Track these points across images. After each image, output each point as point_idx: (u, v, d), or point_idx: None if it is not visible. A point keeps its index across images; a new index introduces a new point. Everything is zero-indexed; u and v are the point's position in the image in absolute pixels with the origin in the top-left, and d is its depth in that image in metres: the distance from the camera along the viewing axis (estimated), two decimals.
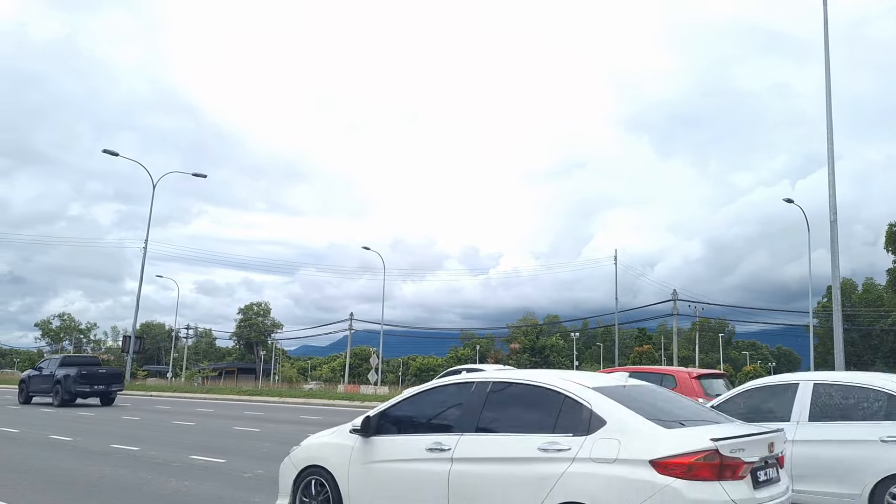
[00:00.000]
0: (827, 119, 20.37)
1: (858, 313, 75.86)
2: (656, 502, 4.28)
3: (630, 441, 4.52)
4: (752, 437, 4.76)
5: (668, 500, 4.27)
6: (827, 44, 20.56)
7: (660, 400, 5.29)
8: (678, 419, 4.85)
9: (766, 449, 4.82)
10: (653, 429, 4.58)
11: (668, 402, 5.31)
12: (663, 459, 4.34)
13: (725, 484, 4.39)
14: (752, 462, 4.62)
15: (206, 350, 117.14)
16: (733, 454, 4.46)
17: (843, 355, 19.51)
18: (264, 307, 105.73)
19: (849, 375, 7.58)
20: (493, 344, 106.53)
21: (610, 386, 5.20)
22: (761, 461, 4.73)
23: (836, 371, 9.82)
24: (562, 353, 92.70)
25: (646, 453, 4.40)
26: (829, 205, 19.94)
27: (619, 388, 5.20)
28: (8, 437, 14.42)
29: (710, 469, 4.35)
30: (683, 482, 4.29)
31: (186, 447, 12.67)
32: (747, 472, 4.56)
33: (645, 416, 4.71)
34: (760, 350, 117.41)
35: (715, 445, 4.39)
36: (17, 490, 8.17)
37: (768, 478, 4.82)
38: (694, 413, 5.19)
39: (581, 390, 5.01)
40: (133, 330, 35.24)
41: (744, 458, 4.53)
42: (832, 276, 20.24)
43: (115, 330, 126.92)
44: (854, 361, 72.08)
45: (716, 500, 4.31)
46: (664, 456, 4.35)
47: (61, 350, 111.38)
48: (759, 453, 4.72)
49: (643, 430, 4.57)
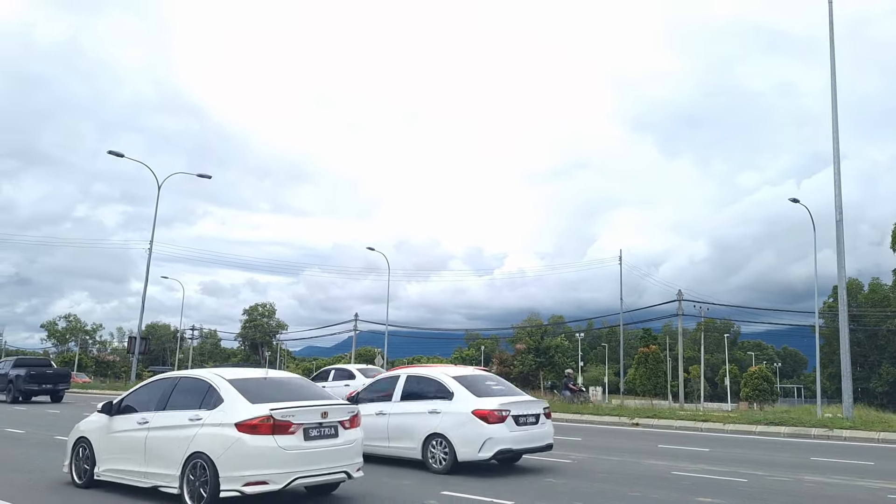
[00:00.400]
0: (832, 118, 20.28)
1: (865, 313, 75.47)
2: (234, 448, 6.94)
3: (230, 412, 7.17)
4: (304, 407, 7.41)
5: (239, 447, 6.94)
6: (832, 43, 20.48)
7: (277, 387, 7.86)
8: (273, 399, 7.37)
9: (320, 416, 7.47)
10: (244, 404, 7.24)
11: (281, 389, 7.86)
12: (240, 423, 7.03)
13: (278, 437, 7.05)
14: (303, 423, 7.27)
15: (212, 351, 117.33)
16: (284, 418, 7.13)
17: (850, 355, 19.40)
18: (269, 308, 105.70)
19: (423, 370, 11.59)
20: (497, 344, 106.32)
21: (243, 378, 7.83)
22: (315, 423, 7.40)
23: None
24: (566, 353, 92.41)
25: (233, 419, 7.07)
26: (835, 204, 19.85)
27: (252, 380, 7.86)
28: None
29: (267, 427, 7.02)
30: (249, 436, 6.96)
31: None
32: (298, 429, 7.22)
33: (249, 398, 7.30)
34: (766, 350, 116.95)
35: (269, 413, 7.07)
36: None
37: (321, 434, 7.44)
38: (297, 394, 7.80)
39: (219, 381, 7.67)
40: (138, 331, 35.28)
41: (294, 421, 7.19)
42: (838, 276, 20.13)
43: (121, 331, 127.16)
44: (860, 362, 71.81)
45: (268, 446, 6.98)
46: (240, 420, 7.04)
47: (67, 352, 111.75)
48: (312, 418, 7.38)
49: (238, 406, 7.22)
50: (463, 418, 9.90)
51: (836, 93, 20.31)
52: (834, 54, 20.46)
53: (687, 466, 10.87)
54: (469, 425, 9.83)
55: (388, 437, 10.62)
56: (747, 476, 9.88)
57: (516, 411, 10.10)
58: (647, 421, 19.47)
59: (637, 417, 20.08)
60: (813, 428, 16.98)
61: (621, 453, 12.68)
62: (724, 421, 18.80)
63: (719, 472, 10.31)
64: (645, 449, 13.52)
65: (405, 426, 10.48)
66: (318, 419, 7.43)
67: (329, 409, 7.57)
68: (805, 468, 10.95)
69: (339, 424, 7.64)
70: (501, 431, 9.79)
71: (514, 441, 9.93)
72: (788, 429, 17.30)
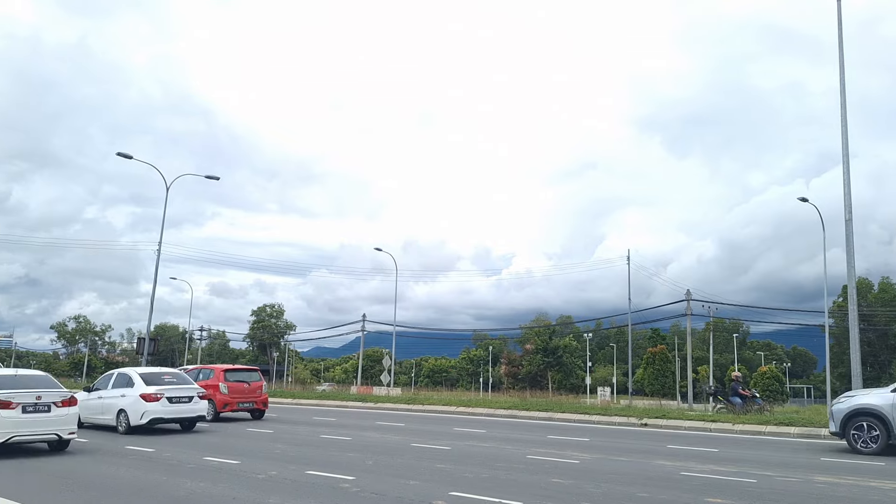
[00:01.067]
0: (842, 117, 20.18)
1: (875, 313, 75.04)
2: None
3: None
4: (22, 392, 11.46)
5: None
6: (841, 42, 20.38)
7: (17, 381, 12.01)
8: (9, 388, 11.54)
9: (35, 398, 11.54)
10: None
11: (19, 382, 11.96)
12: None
13: (2, 411, 11.15)
14: (21, 403, 11.37)
15: (220, 352, 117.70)
16: (7, 398, 11.20)
17: (860, 355, 19.29)
18: (277, 309, 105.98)
19: (126, 369, 17.54)
20: (505, 345, 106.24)
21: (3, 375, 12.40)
22: (31, 403, 11.48)
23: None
24: (575, 353, 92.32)
25: None
26: (844, 203, 19.74)
27: (3, 376, 12.21)
28: None
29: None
30: None
31: (200, 448, 12.76)
32: (18, 407, 11.31)
33: None
34: (775, 350, 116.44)
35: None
36: None
37: (36, 410, 11.51)
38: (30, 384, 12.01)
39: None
40: (147, 331, 35.38)
41: (14, 401, 11.27)
42: (848, 275, 20.02)
43: (130, 332, 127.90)
44: (870, 361, 71.37)
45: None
46: None
47: (77, 353, 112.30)
48: (28, 399, 11.47)
49: None
50: (134, 399, 15.77)
51: (845, 92, 20.21)
52: (843, 53, 20.35)
53: (696, 467, 10.84)
54: (137, 403, 15.68)
55: (102, 413, 16.55)
56: (757, 476, 9.84)
57: (170, 394, 16.00)
58: (655, 421, 19.44)
59: (645, 418, 20.06)
60: (823, 428, 16.90)
61: (630, 454, 12.65)
62: (733, 421, 18.75)
63: (728, 472, 10.27)
64: (653, 449, 13.49)
65: (107, 405, 16.41)
66: (34, 400, 11.64)
67: (44, 393, 11.82)
68: (815, 468, 10.90)
69: (53, 404, 11.84)
70: (156, 407, 15.66)
71: (165, 413, 15.80)
72: (798, 429, 17.23)
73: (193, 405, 16.35)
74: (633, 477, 9.75)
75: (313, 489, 8.44)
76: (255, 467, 10.26)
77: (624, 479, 9.57)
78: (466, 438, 15.33)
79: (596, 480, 9.39)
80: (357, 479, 9.12)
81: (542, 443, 14.60)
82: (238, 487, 8.52)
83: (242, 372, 22.02)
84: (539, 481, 9.29)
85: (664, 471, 10.44)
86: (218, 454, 11.81)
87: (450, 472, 9.95)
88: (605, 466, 10.91)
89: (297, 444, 13.76)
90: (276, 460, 11.14)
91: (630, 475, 9.93)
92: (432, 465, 10.81)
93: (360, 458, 11.59)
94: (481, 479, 9.40)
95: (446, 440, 14.83)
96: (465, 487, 8.60)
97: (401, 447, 13.35)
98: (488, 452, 12.57)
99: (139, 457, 11.55)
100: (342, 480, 9.06)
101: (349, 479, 9.11)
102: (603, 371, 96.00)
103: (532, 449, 13.21)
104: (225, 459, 11.11)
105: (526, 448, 13.35)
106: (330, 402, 31.68)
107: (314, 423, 19.43)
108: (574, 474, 9.96)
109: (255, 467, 10.26)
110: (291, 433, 16.25)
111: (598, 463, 11.33)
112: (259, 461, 11.01)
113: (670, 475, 9.98)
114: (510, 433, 16.93)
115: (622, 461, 11.57)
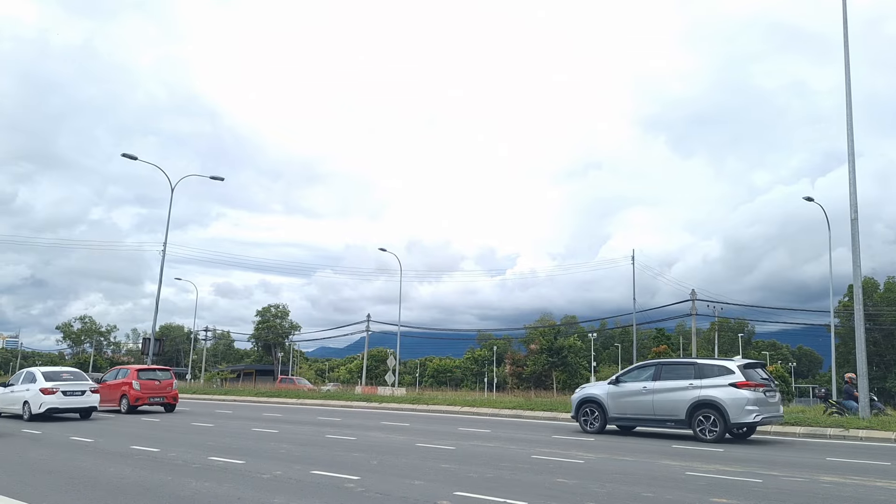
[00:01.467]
0: (847, 116, 20.10)
1: (880, 312, 74.78)
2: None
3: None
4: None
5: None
6: (846, 41, 20.31)
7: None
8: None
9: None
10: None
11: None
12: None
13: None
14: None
15: (225, 352, 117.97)
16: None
17: (865, 355, 19.22)
18: (282, 309, 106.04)
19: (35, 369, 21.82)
20: (510, 345, 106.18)
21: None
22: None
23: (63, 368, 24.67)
24: (579, 353, 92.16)
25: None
26: (850, 203, 19.67)
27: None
28: None
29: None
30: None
31: (205, 448, 12.79)
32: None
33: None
34: (781, 350, 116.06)
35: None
36: None
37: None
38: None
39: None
40: (152, 332, 35.52)
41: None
42: (853, 274, 19.95)
43: (136, 332, 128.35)
44: (876, 361, 71.15)
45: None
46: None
47: (82, 353, 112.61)
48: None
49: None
50: (35, 392, 19.97)
51: (850, 91, 20.13)
52: (848, 52, 20.29)
53: (701, 467, 10.82)
54: (37, 396, 19.87)
55: (12, 404, 20.68)
56: (762, 476, 9.82)
57: (64, 389, 20.11)
58: None
59: None
60: (829, 428, 16.85)
61: (635, 453, 12.63)
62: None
63: (734, 472, 10.25)
64: (658, 449, 13.47)
65: (16, 398, 20.63)
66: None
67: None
68: (821, 468, 10.87)
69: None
70: (52, 399, 19.86)
71: (60, 404, 19.92)
72: (804, 429, 17.17)
73: (86, 398, 20.66)
74: (638, 477, 9.74)
75: (318, 489, 8.45)
76: (260, 467, 10.28)
77: (629, 478, 9.56)
78: (471, 438, 15.33)
79: (601, 480, 9.37)
80: (362, 479, 9.13)
81: (547, 442, 14.59)
82: (243, 487, 8.54)
83: (154, 371, 25.75)
84: (544, 481, 9.28)
85: (669, 471, 10.42)
86: (223, 454, 11.84)
87: (454, 472, 9.95)
88: (609, 466, 10.89)
89: (302, 443, 13.78)
90: (281, 460, 11.16)
91: (635, 475, 9.91)
92: (437, 464, 10.82)
93: (365, 457, 11.60)
94: (486, 478, 9.40)
95: (451, 440, 14.83)
96: (469, 487, 8.60)
97: (405, 447, 13.35)
98: (493, 452, 12.56)
99: (144, 457, 11.59)
100: (347, 480, 9.07)
101: (354, 479, 9.12)
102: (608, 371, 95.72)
103: (537, 449, 13.21)
104: (230, 459, 11.14)
105: (530, 448, 13.35)
106: (335, 402, 31.69)
107: (319, 423, 19.46)
108: (579, 474, 9.95)
109: (260, 467, 10.28)
110: (296, 433, 16.27)
111: (603, 463, 11.32)
112: (264, 461, 11.03)
113: (675, 475, 9.96)
114: (515, 433, 16.92)
115: (627, 461, 11.55)
